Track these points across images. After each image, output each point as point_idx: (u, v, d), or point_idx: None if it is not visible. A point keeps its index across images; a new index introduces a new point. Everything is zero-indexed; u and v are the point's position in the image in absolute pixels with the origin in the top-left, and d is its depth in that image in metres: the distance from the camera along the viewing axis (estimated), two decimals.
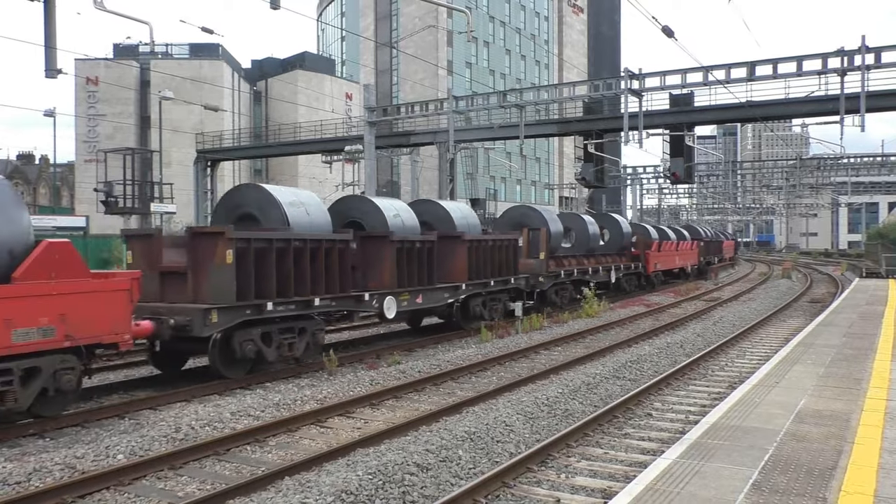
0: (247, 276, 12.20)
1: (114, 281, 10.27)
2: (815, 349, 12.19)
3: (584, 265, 25.77)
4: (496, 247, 19.41)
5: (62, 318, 9.38)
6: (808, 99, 28.30)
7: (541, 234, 22.57)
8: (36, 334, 9.12)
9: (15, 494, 6.88)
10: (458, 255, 17.94)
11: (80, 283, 9.70)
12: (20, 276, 9.11)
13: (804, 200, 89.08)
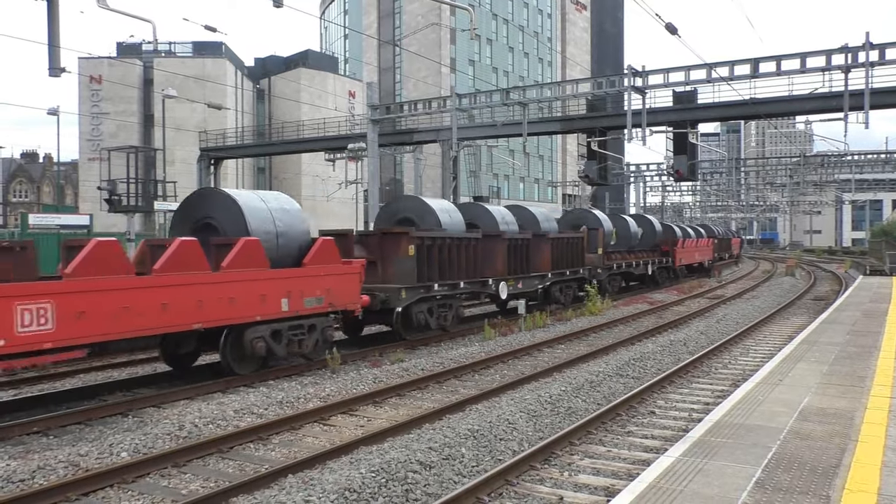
0: (421, 264, 16.39)
1: (353, 266, 14.63)
2: (819, 347, 12.16)
3: (629, 259, 29.89)
4: (569, 243, 23.86)
5: (328, 291, 13.66)
6: (811, 96, 28.29)
7: (598, 233, 26.69)
8: (314, 302, 13.37)
9: (19, 492, 6.90)
10: (543, 250, 22.03)
11: (337, 268, 14.07)
12: (308, 262, 13.43)
13: (808, 198, 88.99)
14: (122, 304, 10.04)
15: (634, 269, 30.26)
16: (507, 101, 32.18)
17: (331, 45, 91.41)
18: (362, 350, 15.28)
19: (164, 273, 10.73)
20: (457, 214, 19.47)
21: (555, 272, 22.58)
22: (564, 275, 23.33)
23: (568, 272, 23.54)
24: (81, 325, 9.49)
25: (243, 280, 11.91)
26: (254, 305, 12.11)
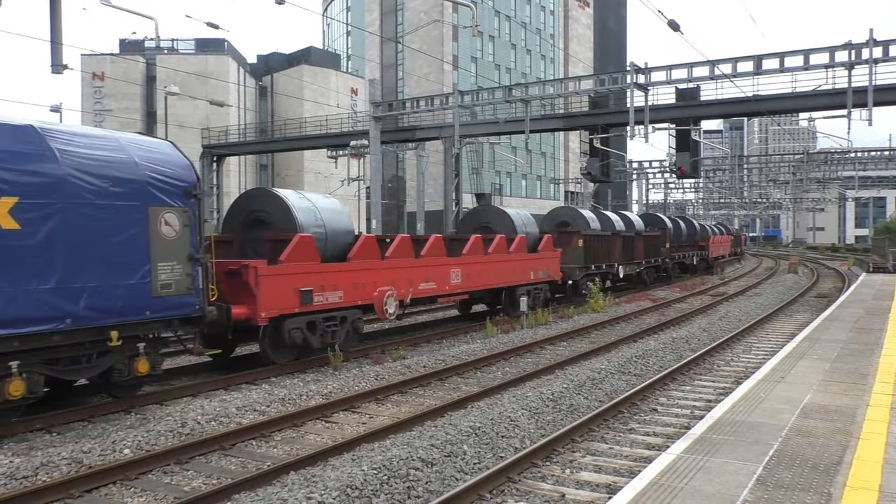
0: (586, 252, 24.30)
1: (556, 253, 22.44)
2: (821, 344, 12.16)
3: (681, 252, 37.90)
4: (653, 239, 32.53)
5: (549, 268, 21.69)
6: (815, 93, 28.20)
7: (667, 232, 35.41)
8: (542, 274, 21.34)
9: (22, 489, 6.92)
10: (639, 244, 30.02)
11: (551, 253, 22.24)
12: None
13: (811, 195, 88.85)
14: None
15: (685, 259, 38.35)
16: (509, 98, 32.12)
17: (333, 42, 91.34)
18: (364, 347, 15.30)
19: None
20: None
21: (646, 260, 30.90)
22: (651, 262, 31.83)
23: (652, 260, 32.05)
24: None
25: (506, 260, 19.75)
26: (514, 275, 20.08)
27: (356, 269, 14.37)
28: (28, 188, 8.75)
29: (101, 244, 9.51)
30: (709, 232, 45.17)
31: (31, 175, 8.81)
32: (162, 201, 10.28)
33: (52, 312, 8.97)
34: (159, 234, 10.22)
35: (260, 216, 14.06)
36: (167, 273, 10.34)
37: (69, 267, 9.13)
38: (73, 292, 9.17)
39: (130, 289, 9.86)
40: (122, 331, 9.83)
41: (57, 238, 9.03)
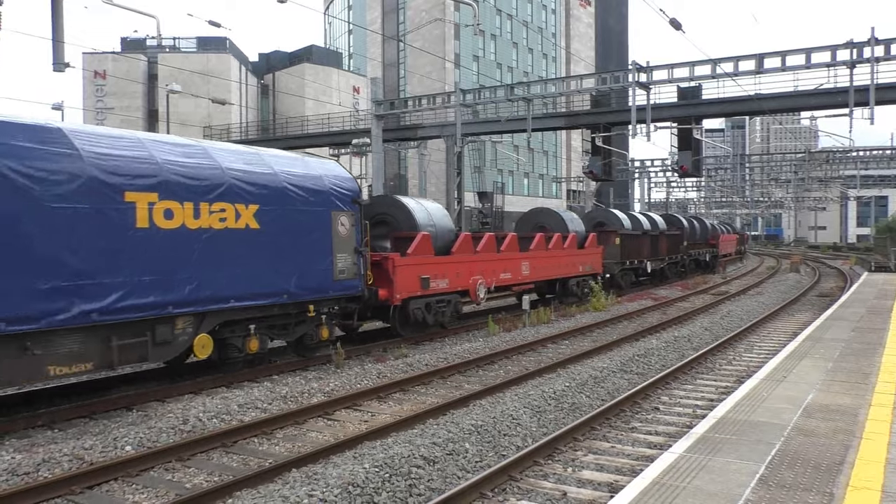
0: (622, 249, 27.63)
1: (599, 249, 25.47)
2: (824, 343, 12.15)
3: (696, 249, 40.44)
4: (674, 237, 35.46)
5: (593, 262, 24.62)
6: (817, 91, 28.16)
7: (684, 231, 38.38)
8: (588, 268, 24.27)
9: (24, 485, 6.92)
10: (663, 242, 33.07)
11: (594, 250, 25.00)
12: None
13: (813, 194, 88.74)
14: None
15: (699, 256, 40.64)
16: (511, 97, 32.08)
17: (335, 41, 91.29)
18: (366, 345, 15.30)
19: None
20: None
21: (668, 257, 33.78)
22: (672, 258, 34.60)
23: (673, 257, 34.91)
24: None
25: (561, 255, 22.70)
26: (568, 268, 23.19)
27: (457, 261, 17.56)
28: (264, 198, 11.95)
29: (304, 239, 12.71)
30: (718, 231, 48.08)
31: (265, 189, 12.00)
32: (339, 207, 13.53)
33: (276, 290, 12.14)
34: (338, 232, 13.46)
35: (384, 217, 17.02)
36: (342, 262, 13.56)
37: (288, 256, 12.32)
38: (289, 275, 12.36)
39: (321, 273, 13.07)
40: (315, 305, 13.16)
41: (280, 234, 12.22)
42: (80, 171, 9.34)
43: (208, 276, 10.95)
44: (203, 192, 10.94)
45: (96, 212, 9.49)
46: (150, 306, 10.15)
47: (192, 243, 10.72)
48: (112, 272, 9.63)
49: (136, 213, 9.98)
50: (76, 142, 9.45)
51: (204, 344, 11.07)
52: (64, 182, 9.15)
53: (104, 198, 9.59)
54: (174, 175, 10.55)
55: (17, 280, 8.65)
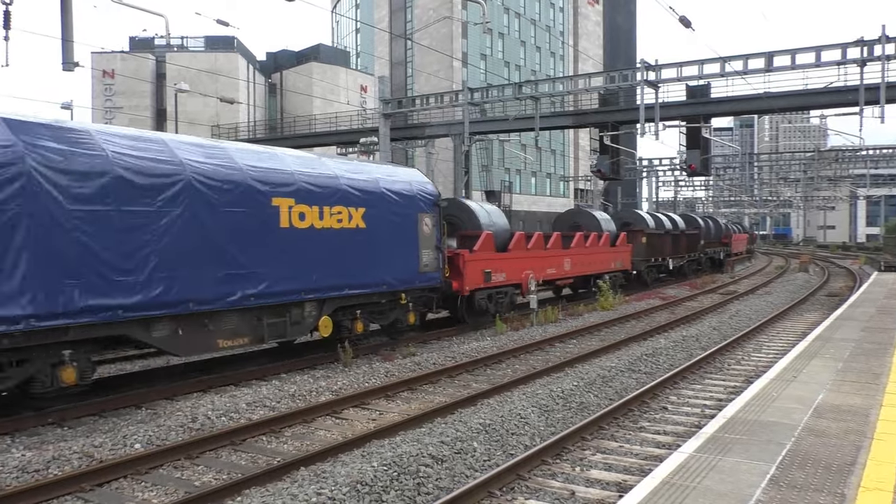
0: (648, 247, 29.42)
1: (628, 247, 27.15)
2: (833, 343, 12.09)
3: (711, 248, 42.44)
4: (692, 236, 37.54)
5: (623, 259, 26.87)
6: (826, 90, 28.02)
7: (701, 231, 39.78)
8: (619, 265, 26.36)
9: (34, 482, 6.95)
10: (682, 240, 35.30)
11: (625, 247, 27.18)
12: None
13: (822, 193, 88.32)
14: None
15: (714, 254, 42.54)
16: (519, 96, 32.00)
17: (342, 40, 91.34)
18: (374, 344, 15.31)
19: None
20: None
21: (687, 254, 36.00)
22: (690, 256, 36.73)
23: (692, 255, 37.04)
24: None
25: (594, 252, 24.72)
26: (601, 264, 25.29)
27: (513, 257, 19.60)
28: (368, 202, 14.02)
29: (398, 237, 14.79)
30: (731, 230, 50.89)
31: (369, 194, 14.13)
32: (423, 209, 15.61)
33: (377, 280, 14.27)
34: (422, 231, 15.54)
35: (451, 218, 18.62)
36: (426, 257, 15.66)
37: (386, 251, 14.43)
38: (387, 268, 14.46)
39: (410, 266, 15.16)
40: (406, 294, 15.25)
41: (381, 233, 14.28)
42: (241, 181, 11.53)
43: (329, 268, 13.08)
44: (325, 198, 13.07)
45: (252, 214, 11.65)
46: (289, 292, 12.30)
47: (317, 240, 12.88)
48: (263, 264, 11.79)
49: (279, 216, 12.12)
50: (235, 156, 11.79)
51: (326, 324, 13.30)
52: (231, 190, 11.32)
53: (258, 202, 11.76)
54: (305, 183, 12.67)
55: (204, 269, 10.78)
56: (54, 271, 9.01)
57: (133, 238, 9.92)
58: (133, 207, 9.96)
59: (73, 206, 9.26)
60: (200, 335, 10.98)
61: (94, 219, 9.49)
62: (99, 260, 9.48)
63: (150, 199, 10.18)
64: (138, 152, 10.25)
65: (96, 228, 9.49)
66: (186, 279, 10.52)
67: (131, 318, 9.89)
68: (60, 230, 9.11)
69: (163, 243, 10.28)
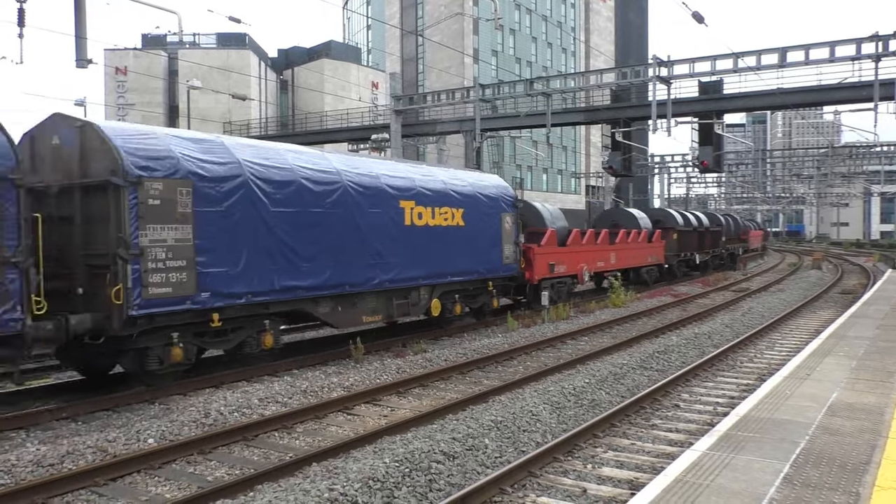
0: (679, 243, 31.41)
1: (662, 243, 29.44)
2: (847, 341, 12.00)
3: (733, 244, 44.46)
4: (715, 233, 38.90)
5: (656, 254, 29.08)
6: (841, 85, 27.83)
7: (722, 227, 41.36)
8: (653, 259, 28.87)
9: (49, 476, 7.01)
10: (707, 237, 36.84)
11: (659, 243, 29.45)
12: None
13: (835, 189, 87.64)
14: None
15: (733, 249, 44.09)
16: (530, 92, 31.93)
17: (354, 36, 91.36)
18: (386, 341, 15.33)
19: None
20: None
21: (711, 250, 37.33)
22: (713, 252, 37.98)
23: (715, 250, 38.32)
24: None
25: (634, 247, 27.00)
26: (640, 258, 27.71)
27: (571, 251, 22.05)
28: (466, 203, 16.71)
29: (487, 233, 17.38)
30: (748, 226, 54.05)
31: (467, 196, 16.81)
32: (504, 210, 18.12)
33: (472, 269, 16.85)
34: (504, 228, 18.02)
35: (521, 218, 19.82)
36: (507, 250, 18.12)
37: (479, 245, 17.03)
38: (479, 259, 17.07)
39: (496, 258, 17.72)
40: (492, 282, 17.82)
41: (475, 229, 16.88)
42: (379, 187, 14.25)
43: (438, 259, 15.68)
44: (435, 200, 15.79)
45: (387, 214, 14.29)
46: (411, 279, 14.94)
47: (430, 236, 15.49)
48: (394, 255, 14.39)
49: (405, 215, 14.80)
50: (373, 168, 14.64)
51: (437, 306, 15.95)
52: (373, 195, 14.00)
53: (390, 205, 14.43)
54: (421, 188, 15.44)
55: (355, 259, 13.43)
56: (263, 259, 11.61)
57: (311, 233, 12.57)
58: (311, 209, 12.62)
59: (274, 208, 11.87)
60: (351, 312, 13.77)
61: (287, 218, 12.11)
62: (290, 250, 12.14)
63: (321, 202, 12.82)
64: (314, 166, 12.98)
65: (289, 226, 12.13)
66: (343, 266, 13.19)
67: (307, 296, 12.61)
68: (266, 228, 11.71)
69: (329, 237, 12.92)
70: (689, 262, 34.26)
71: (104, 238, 9.94)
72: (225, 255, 11.00)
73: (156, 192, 10.14)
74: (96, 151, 10.07)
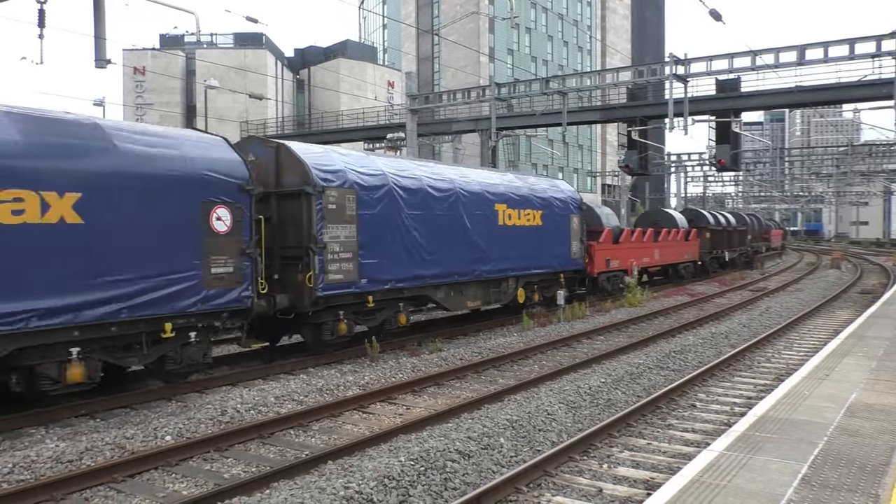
0: (711, 241, 33.54)
1: (697, 241, 31.63)
2: (867, 341, 11.89)
3: (757, 242, 46.63)
4: (742, 232, 40.37)
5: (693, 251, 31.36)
6: (860, 83, 27.53)
7: (748, 227, 43.01)
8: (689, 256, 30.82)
9: (68, 472, 7.08)
10: (734, 236, 38.34)
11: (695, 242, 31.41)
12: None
13: (855, 188, 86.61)
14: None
15: (757, 247, 46.11)
16: (546, 91, 31.84)
17: (370, 35, 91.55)
18: (401, 339, 15.35)
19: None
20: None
21: (739, 247, 39.48)
22: (741, 250, 39.92)
23: (741, 248, 40.14)
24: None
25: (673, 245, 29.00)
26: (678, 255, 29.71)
27: (623, 248, 24.25)
28: (543, 206, 19.24)
29: (560, 232, 19.91)
30: (770, 225, 56.90)
31: (544, 200, 19.37)
32: (573, 212, 20.61)
33: (546, 264, 19.33)
34: (573, 228, 20.51)
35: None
36: (574, 247, 20.61)
37: (552, 242, 19.59)
38: (552, 254, 19.56)
39: (565, 254, 20.19)
40: (562, 275, 20.23)
41: (550, 228, 19.41)
42: (481, 192, 16.90)
43: (522, 254, 18.12)
44: (521, 204, 18.32)
45: (486, 215, 16.88)
46: (503, 270, 17.52)
47: (517, 234, 18.01)
48: (490, 250, 16.88)
49: (499, 216, 17.36)
50: (474, 176, 17.35)
51: (522, 294, 18.44)
52: (476, 200, 16.62)
53: (489, 207, 17.04)
54: (511, 194, 18.05)
55: (463, 253, 16.00)
56: (401, 252, 14.21)
57: (433, 232, 15.08)
58: (434, 212, 15.20)
59: (409, 211, 14.43)
60: (459, 297, 16.37)
61: (418, 219, 14.67)
62: (419, 245, 14.70)
63: (440, 206, 15.40)
64: (435, 176, 15.63)
65: (418, 225, 14.67)
66: (455, 259, 15.71)
67: (430, 283, 15.18)
68: (404, 226, 14.30)
69: (446, 235, 15.44)
70: (720, 260, 36.04)
71: (296, 235, 12.53)
72: (377, 249, 13.63)
73: (332, 198, 12.74)
74: (290, 167, 12.70)
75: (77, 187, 8.99)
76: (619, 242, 24.01)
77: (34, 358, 8.88)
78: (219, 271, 10.70)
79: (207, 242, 10.53)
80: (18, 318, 8.46)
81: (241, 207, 11.04)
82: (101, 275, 9.24)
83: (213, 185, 10.64)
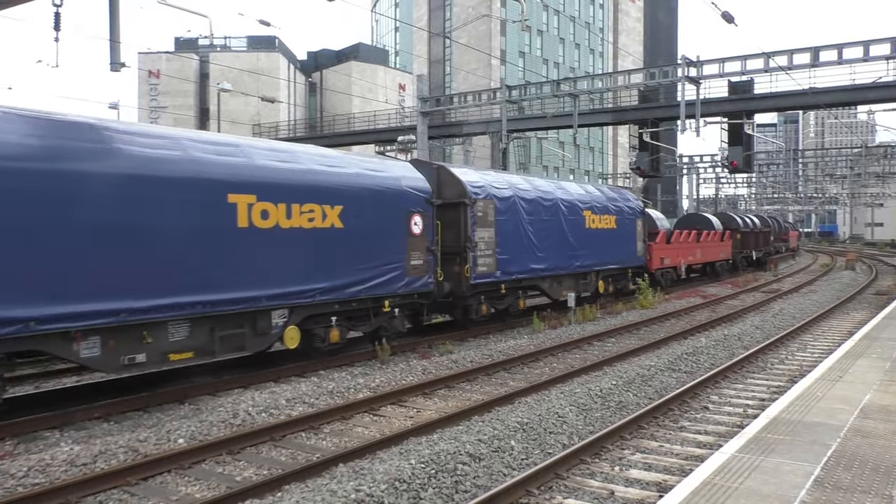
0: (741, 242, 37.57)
1: (729, 242, 34.88)
2: (881, 343, 11.79)
3: (777, 243, 49.77)
4: (765, 233, 43.61)
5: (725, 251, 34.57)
6: (875, 85, 27.36)
7: (771, 228, 46.10)
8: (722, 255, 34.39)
9: (82, 475, 7.13)
10: (759, 236, 41.40)
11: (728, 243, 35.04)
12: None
13: (869, 190, 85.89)
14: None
15: (778, 247, 49.59)
16: (557, 93, 31.78)
17: (381, 38, 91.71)
18: (411, 342, 15.36)
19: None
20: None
21: (763, 247, 42.42)
22: (765, 249, 42.89)
23: (766, 248, 43.32)
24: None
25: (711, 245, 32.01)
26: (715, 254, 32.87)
27: (674, 248, 27.60)
28: (616, 212, 22.45)
29: (627, 233, 23.16)
30: (788, 227, 60.60)
31: (618, 206, 22.73)
32: (638, 216, 23.93)
33: (618, 260, 22.65)
34: (638, 230, 23.79)
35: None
36: (639, 247, 23.96)
37: (623, 242, 22.92)
38: (622, 252, 23.00)
39: (632, 252, 23.56)
40: (630, 270, 23.75)
41: (621, 231, 22.73)
42: (572, 201, 20.18)
43: (602, 252, 21.31)
44: (600, 210, 21.51)
45: (576, 220, 20.06)
46: (588, 265, 20.69)
47: (598, 235, 21.13)
48: (580, 248, 20.05)
49: (585, 220, 20.49)
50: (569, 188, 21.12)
51: (602, 286, 21.74)
52: (571, 207, 19.91)
53: (579, 213, 20.27)
54: (594, 202, 21.35)
55: (561, 252, 19.17)
56: (521, 250, 17.57)
57: (542, 233, 18.32)
58: (543, 217, 18.49)
59: (527, 217, 17.80)
60: (558, 287, 19.50)
61: (532, 223, 17.93)
62: (533, 245, 17.98)
63: (546, 212, 18.68)
64: (542, 188, 19.05)
65: (533, 228, 17.96)
66: (556, 256, 18.92)
67: (539, 276, 18.52)
68: (523, 229, 17.65)
69: (550, 236, 18.66)
70: (748, 259, 39.50)
71: (455, 236, 15.77)
72: (507, 247, 16.93)
73: (480, 208, 16.14)
74: (449, 183, 16.05)
75: (340, 201, 12.49)
76: (671, 243, 27.41)
77: (310, 324, 12.33)
78: (414, 263, 14.22)
79: (409, 241, 14.11)
80: (311, 293, 11.95)
81: (428, 215, 14.62)
82: (353, 265, 12.77)
83: (412, 199, 14.25)
